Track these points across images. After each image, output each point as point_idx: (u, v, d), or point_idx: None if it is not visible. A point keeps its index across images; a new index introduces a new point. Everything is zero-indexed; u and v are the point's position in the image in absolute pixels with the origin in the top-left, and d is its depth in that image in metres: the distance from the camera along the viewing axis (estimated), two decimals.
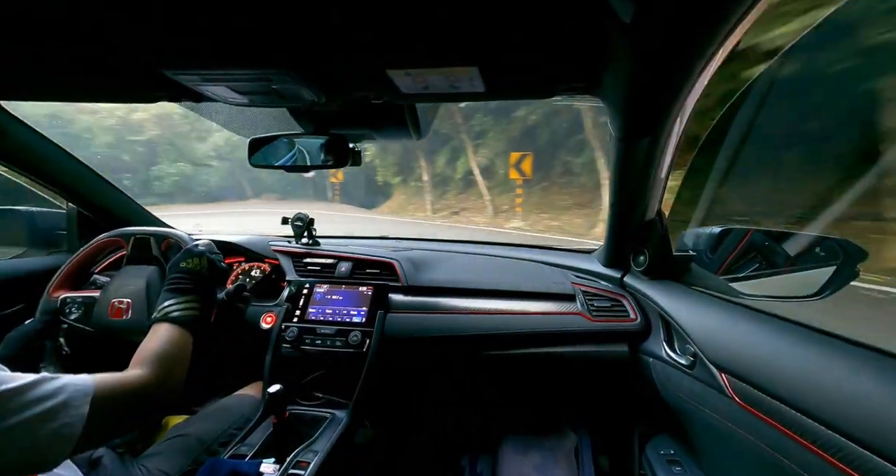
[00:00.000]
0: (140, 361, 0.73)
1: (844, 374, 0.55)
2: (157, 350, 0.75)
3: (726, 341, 0.76)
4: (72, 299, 1.10)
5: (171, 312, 0.83)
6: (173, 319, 0.82)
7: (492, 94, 0.76)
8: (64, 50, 0.67)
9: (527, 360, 1.16)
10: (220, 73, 0.69)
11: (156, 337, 0.79)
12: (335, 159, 0.96)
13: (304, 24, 0.57)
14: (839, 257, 0.73)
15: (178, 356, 0.78)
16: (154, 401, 0.70)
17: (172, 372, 0.75)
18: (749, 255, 0.90)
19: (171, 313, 0.83)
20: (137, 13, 0.54)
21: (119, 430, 0.66)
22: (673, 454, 1.03)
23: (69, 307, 1.09)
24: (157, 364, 0.72)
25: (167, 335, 0.79)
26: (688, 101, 0.70)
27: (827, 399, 0.54)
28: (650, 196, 0.98)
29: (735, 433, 0.72)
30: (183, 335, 0.82)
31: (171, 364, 0.75)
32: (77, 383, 0.57)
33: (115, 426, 0.63)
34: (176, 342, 0.79)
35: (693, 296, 0.96)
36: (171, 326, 0.81)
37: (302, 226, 1.40)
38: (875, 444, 0.47)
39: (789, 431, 0.58)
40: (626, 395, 1.32)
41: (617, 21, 0.49)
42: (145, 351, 0.75)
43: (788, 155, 2.68)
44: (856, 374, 0.54)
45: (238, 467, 0.81)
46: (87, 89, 0.89)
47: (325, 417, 1.03)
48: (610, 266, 1.27)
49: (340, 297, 1.22)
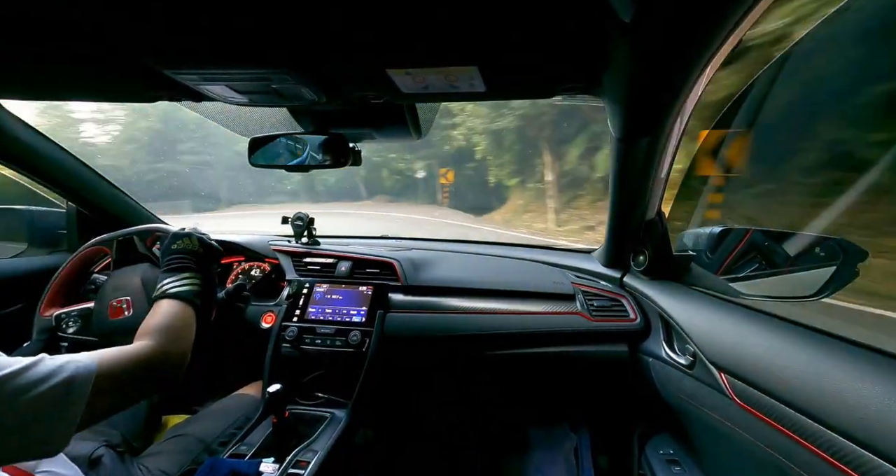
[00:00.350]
0: (143, 334, 0.71)
1: (844, 374, 0.55)
2: (160, 322, 0.74)
3: (726, 341, 0.76)
4: (66, 314, 1.07)
5: (169, 289, 0.82)
6: (173, 295, 0.81)
7: (492, 93, 0.76)
8: (63, 49, 0.67)
9: (526, 360, 1.17)
10: (219, 72, 0.69)
11: (158, 312, 0.77)
12: (335, 159, 0.96)
13: (304, 24, 0.57)
14: (839, 257, 0.72)
15: (181, 328, 0.76)
16: (160, 372, 0.68)
17: (178, 343, 0.73)
18: (749, 255, 0.90)
19: (170, 290, 0.81)
20: (137, 12, 0.54)
21: (125, 402, 0.63)
22: (672, 454, 1.04)
23: (65, 323, 1.07)
24: (161, 334, 0.71)
25: (168, 310, 0.78)
26: (688, 101, 0.70)
27: (827, 399, 0.54)
28: (650, 196, 0.98)
29: (735, 433, 0.72)
30: (185, 309, 0.80)
31: (176, 335, 0.73)
32: (78, 361, 0.55)
33: (121, 399, 0.61)
34: (178, 315, 0.77)
35: (693, 296, 0.96)
36: (172, 301, 0.80)
37: (302, 225, 1.40)
38: (874, 444, 0.47)
39: (789, 431, 0.58)
40: (626, 395, 1.32)
41: (617, 21, 0.49)
42: (148, 325, 0.73)
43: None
44: (856, 374, 0.54)
45: (237, 467, 0.81)
46: (87, 89, 0.89)
47: (325, 417, 1.03)
48: (610, 266, 1.27)
49: (340, 296, 1.22)
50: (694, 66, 0.57)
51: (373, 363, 1.10)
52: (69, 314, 1.08)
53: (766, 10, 0.49)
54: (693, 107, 0.77)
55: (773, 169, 2.74)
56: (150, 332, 0.71)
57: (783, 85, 1.23)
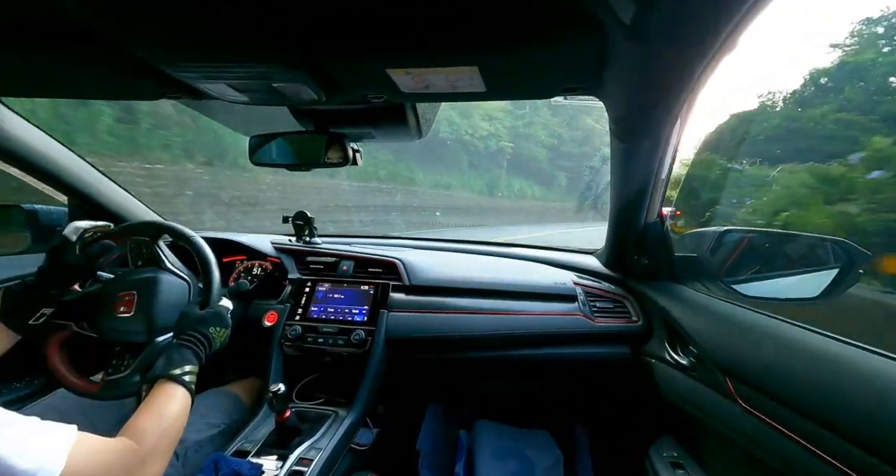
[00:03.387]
0: (134, 430, 0.61)
1: (850, 377, 0.54)
2: (156, 422, 0.64)
3: (728, 343, 0.76)
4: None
5: (179, 374, 0.71)
6: (182, 382, 0.71)
7: (492, 93, 0.76)
8: (63, 47, 0.67)
9: (527, 362, 1.16)
10: (220, 71, 0.69)
11: (155, 404, 0.67)
12: (335, 158, 0.96)
13: (305, 23, 0.56)
14: (842, 259, 0.72)
15: (173, 427, 0.66)
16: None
17: (165, 450, 0.64)
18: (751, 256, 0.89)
19: (180, 375, 0.71)
20: (137, 10, 0.54)
21: None
22: (676, 457, 1.03)
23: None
24: (151, 437, 0.61)
25: (168, 403, 0.68)
26: (689, 102, 0.69)
27: (831, 403, 0.54)
28: (651, 197, 0.98)
29: (738, 435, 0.71)
30: (185, 398, 0.71)
31: (167, 440, 0.64)
32: (43, 459, 0.47)
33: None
34: (177, 412, 0.68)
35: (695, 297, 0.95)
36: (176, 388, 0.70)
37: (303, 224, 1.40)
38: (879, 448, 0.47)
39: (792, 433, 0.58)
40: (628, 397, 1.31)
41: (617, 21, 0.48)
42: (140, 423, 0.63)
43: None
44: (861, 377, 0.53)
45: (240, 464, 0.81)
46: (86, 86, 0.89)
47: (328, 415, 1.03)
48: (612, 267, 1.27)
49: (342, 295, 1.22)
50: (695, 67, 0.57)
51: (375, 362, 1.10)
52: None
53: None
54: (693, 108, 0.76)
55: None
56: (142, 431, 0.61)
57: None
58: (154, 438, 0.61)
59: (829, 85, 4.37)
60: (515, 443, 1.42)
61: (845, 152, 3.01)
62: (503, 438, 1.44)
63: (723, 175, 3.81)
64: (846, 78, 4.28)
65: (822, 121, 3.95)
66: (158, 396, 0.69)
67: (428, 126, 1.04)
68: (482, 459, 1.35)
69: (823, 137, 3.69)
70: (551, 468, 1.34)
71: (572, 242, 1.76)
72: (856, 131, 3.38)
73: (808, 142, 3.84)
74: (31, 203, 1.45)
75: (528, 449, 1.39)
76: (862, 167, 2.75)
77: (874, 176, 2.54)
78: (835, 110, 3.89)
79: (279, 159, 0.99)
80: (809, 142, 3.83)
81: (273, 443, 0.92)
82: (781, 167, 3.56)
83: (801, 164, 3.45)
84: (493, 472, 1.32)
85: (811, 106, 4.41)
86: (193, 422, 0.92)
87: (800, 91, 4.91)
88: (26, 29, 0.63)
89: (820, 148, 3.61)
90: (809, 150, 3.70)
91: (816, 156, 3.47)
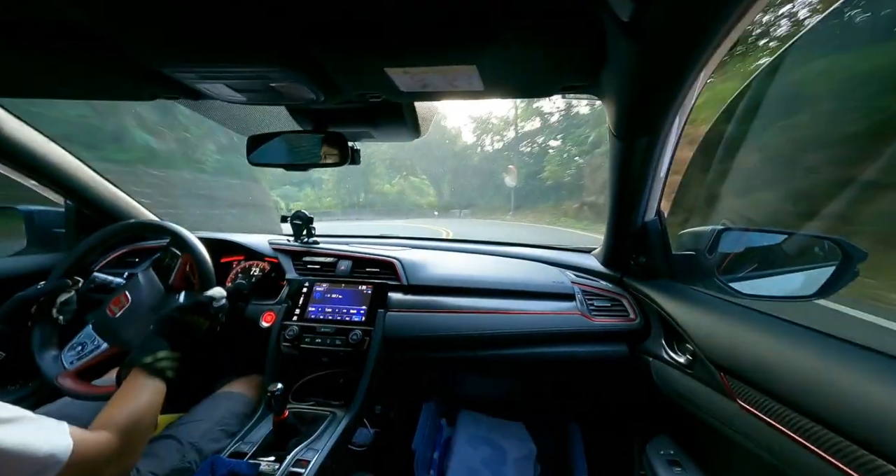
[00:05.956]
0: (107, 424, 0.62)
1: (845, 374, 0.55)
2: (128, 414, 0.64)
3: (725, 341, 0.76)
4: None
5: (151, 362, 0.72)
6: (154, 370, 0.72)
7: (491, 92, 0.76)
8: (60, 48, 0.67)
9: (526, 360, 1.16)
10: (218, 70, 0.69)
11: (129, 394, 0.68)
12: (334, 158, 0.96)
13: (303, 23, 0.56)
14: (838, 257, 0.72)
15: (146, 418, 0.67)
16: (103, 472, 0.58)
17: (137, 443, 0.64)
18: (748, 254, 0.90)
19: (152, 363, 0.72)
20: (135, 11, 0.54)
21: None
22: (673, 455, 1.03)
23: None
24: (124, 432, 0.62)
25: (141, 393, 0.69)
26: (687, 100, 0.69)
27: (827, 399, 0.54)
28: (650, 195, 0.98)
29: (735, 433, 0.72)
30: (159, 388, 0.72)
31: (140, 432, 0.65)
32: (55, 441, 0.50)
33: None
34: (150, 402, 0.69)
35: (692, 295, 0.96)
36: (148, 378, 0.71)
37: (301, 224, 1.39)
38: (875, 445, 0.47)
39: (789, 431, 0.58)
40: (626, 395, 1.32)
41: (616, 20, 0.48)
42: (113, 415, 0.64)
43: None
44: (856, 374, 0.54)
45: (237, 466, 0.81)
46: (84, 87, 0.89)
47: (326, 416, 1.03)
48: (609, 265, 1.27)
49: (340, 295, 1.22)
50: (693, 65, 0.57)
51: (373, 362, 1.09)
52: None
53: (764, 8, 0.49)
54: (692, 106, 0.77)
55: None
56: (115, 424, 0.62)
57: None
58: (125, 428, 0.62)
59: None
60: (490, 432, 1.45)
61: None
62: (480, 427, 1.47)
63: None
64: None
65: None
66: (129, 386, 0.70)
67: (426, 125, 1.04)
68: (458, 445, 1.39)
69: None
70: (548, 465, 1.34)
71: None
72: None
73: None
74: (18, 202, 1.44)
75: (503, 439, 1.42)
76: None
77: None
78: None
79: (277, 159, 0.99)
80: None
81: (270, 444, 0.92)
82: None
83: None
84: (467, 457, 1.34)
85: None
86: (209, 430, 0.94)
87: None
88: (23, 30, 0.62)
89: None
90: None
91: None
